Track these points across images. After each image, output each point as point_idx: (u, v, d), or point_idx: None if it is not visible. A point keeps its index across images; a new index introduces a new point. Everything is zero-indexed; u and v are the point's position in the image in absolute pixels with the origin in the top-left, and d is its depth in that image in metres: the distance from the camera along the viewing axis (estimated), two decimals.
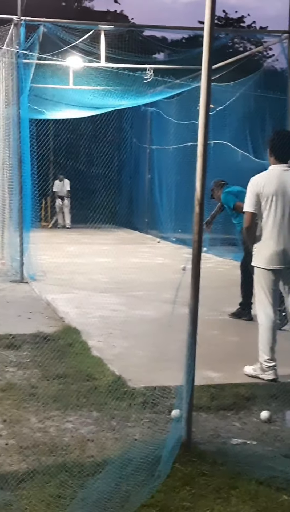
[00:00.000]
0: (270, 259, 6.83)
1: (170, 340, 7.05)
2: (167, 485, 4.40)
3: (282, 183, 6.82)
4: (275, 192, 6.78)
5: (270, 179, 6.84)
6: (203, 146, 4.98)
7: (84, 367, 7.01)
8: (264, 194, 6.80)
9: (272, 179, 6.84)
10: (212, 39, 4.93)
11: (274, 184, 6.80)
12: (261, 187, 6.82)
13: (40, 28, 12.89)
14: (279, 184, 6.81)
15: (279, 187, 6.80)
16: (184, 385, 5.08)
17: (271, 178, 6.84)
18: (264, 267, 6.89)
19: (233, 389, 6.50)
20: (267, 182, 6.83)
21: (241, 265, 9.87)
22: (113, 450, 5.05)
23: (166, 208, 21.32)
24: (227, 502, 4.27)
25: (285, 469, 4.73)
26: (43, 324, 9.11)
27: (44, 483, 4.39)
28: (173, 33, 29.70)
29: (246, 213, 6.95)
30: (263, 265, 6.89)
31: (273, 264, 6.84)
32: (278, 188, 6.79)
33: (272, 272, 6.88)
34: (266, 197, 6.79)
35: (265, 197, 6.80)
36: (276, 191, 6.79)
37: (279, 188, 6.79)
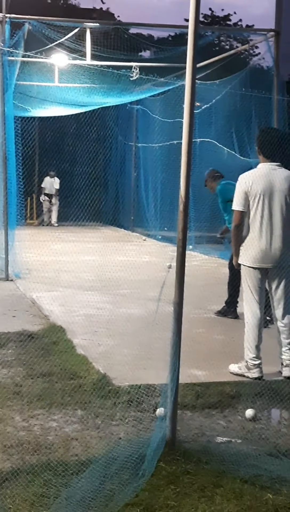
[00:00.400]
0: (257, 257, 6.84)
1: (155, 338, 7.04)
2: (152, 484, 4.39)
3: (270, 181, 6.81)
4: (262, 190, 6.78)
5: (258, 178, 6.84)
6: (188, 144, 4.97)
7: (68, 366, 7.00)
8: (252, 193, 6.80)
9: (260, 177, 6.84)
10: (196, 37, 4.92)
11: (262, 183, 6.80)
12: (249, 185, 6.82)
13: (25, 26, 12.84)
14: (267, 183, 6.81)
15: (267, 185, 6.80)
16: (169, 384, 5.07)
17: (259, 177, 6.84)
18: (251, 265, 6.89)
19: (218, 387, 6.51)
20: (255, 180, 6.83)
21: (230, 263, 9.87)
22: (97, 448, 5.04)
23: (152, 206, 21.32)
24: (211, 500, 4.27)
25: (269, 468, 4.74)
26: (28, 322, 9.08)
27: (28, 482, 4.38)
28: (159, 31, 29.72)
29: (235, 212, 6.94)
30: (250, 264, 6.90)
31: (260, 262, 6.85)
32: (266, 186, 6.79)
33: (259, 271, 6.88)
34: (254, 195, 6.79)
35: (253, 196, 6.80)
36: (264, 189, 6.79)
37: (267, 186, 6.79)
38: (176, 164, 5.38)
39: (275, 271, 6.87)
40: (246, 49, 16.27)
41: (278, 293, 6.93)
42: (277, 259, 6.82)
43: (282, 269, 6.87)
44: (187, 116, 4.99)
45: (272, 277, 6.91)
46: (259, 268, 6.87)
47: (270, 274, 6.91)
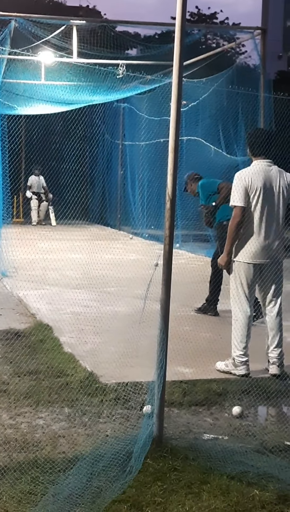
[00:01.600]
0: (255, 253, 6.86)
1: (142, 336, 7.06)
2: (139, 481, 4.40)
3: (268, 178, 6.86)
4: (262, 186, 6.82)
5: (256, 174, 6.87)
6: (175, 141, 4.98)
7: (55, 363, 7.00)
8: (252, 188, 6.82)
9: (258, 173, 6.87)
10: (183, 34, 4.93)
11: (261, 179, 6.84)
12: (248, 181, 6.84)
13: (12, 23, 12.79)
14: (265, 179, 6.85)
15: (265, 181, 6.84)
16: (156, 381, 5.08)
17: (257, 173, 6.88)
18: (247, 261, 6.89)
19: (205, 384, 6.53)
20: (254, 177, 6.85)
21: (212, 260, 9.91)
22: (84, 446, 5.05)
23: (138, 204, 21.31)
24: (198, 497, 4.28)
25: (256, 464, 4.76)
26: (14, 320, 9.07)
27: (15, 479, 4.38)
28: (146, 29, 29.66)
29: (235, 208, 6.91)
30: (247, 260, 6.89)
31: (256, 258, 6.87)
32: (264, 183, 6.84)
33: (254, 267, 6.90)
34: (254, 191, 6.82)
35: (253, 191, 6.82)
36: (263, 185, 6.82)
37: (265, 183, 6.84)
38: (163, 162, 5.40)
39: (268, 267, 6.90)
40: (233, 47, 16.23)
41: (270, 290, 6.95)
42: (272, 255, 6.85)
43: (275, 265, 6.90)
44: (174, 113, 4.99)
45: (265, 273, 6.93)
46: (254, 264, 6.89)
47: (264, 270, 6.92)
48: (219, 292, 9.74)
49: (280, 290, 7.02)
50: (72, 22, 13.65)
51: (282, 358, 6.99)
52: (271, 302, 7.02)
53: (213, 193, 9.82)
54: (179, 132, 5.03)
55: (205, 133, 16.01)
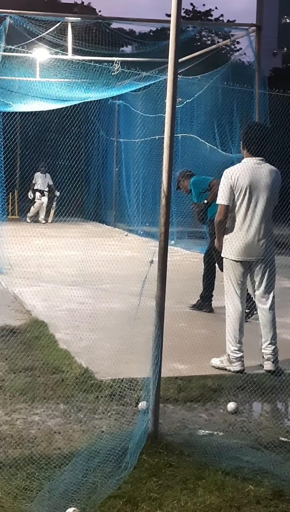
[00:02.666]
0: (240, 250, 6.89)
1: (137, 333, 7.07)
2: (134, 477, 4.42)
3: (255, 176, 6.86)
4: (248, 185, 6.83)
5: (243, 172, 6.88)
6: (170, 138, 4.99)
7: (51, 360, 7.01)
8: (237, 187, 6.85)
9: (245, 172, 6.88)
10: (178, 31, 4.94)
11: (247, 177, 6.85)
12: (234, 179, 6.87)
13: (7, 20, 12.78)
14: (252, 177, 6.85)
15: (252, 180, 6.85)
16: (151, 377, 5.09)
17: (244, 171, 6.89)
18: (234, 258, 6.93)
19: (200, 380, 6.54)
20: (240, 175, 6.87)
21: (205, 257, 9.93)
22: (80, 442, 5.06)
23: (133, 202, 21.31)
24: (193, 492, 4.30)
25: (251, 460, 4.78)
26: (10, 317, 9.08)
27: (11, 475, 4.39)
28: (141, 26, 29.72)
29: (220, 206, 6.99)
30: (233, 257, 6.94)
31: (243, 255, 6.90)
32: (251, 181, 6.84)
33: (241, 264, 6.93)
34: (239, 189, 6.84)
35: (238, 190, 6.85)
36: (249, 184, 6.84)
37: (252, 181, 6.84)
38: (158, 159, 5.41)
39: (258, 264, 6.93)
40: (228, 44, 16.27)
41: (262, 286, 6.98)
42: (260, 253, 6.88)
43: (265, 263, 6.92)
44: (169, 110, 5.00)
45: (255, 271, 6.97)
46: (241, 261, 6.92)
47: (253, 268, 6.96)
48: (212, 288, 9.77)
49: (271, 286, 7.03)
50: (67, 19, 13.63)
51: (277, 354, 7.01)
52: (263, 298, 7.04)
53: (205, 190, 9.84)
54: (174, 129, 5.04)
55: (200, 130, 16.01)
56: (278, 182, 6.98)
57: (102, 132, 23.54)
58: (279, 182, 6.99)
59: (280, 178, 7.02)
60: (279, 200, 7.17)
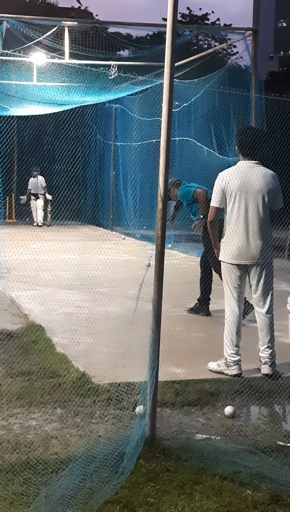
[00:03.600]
0: (235, 254, 6.89)
1: (134, 336, 7.05)
2: (131, 481, 4.40)
3: (247, 179, 6.86)
4: (239, 187, 6.84)
5: (235, 175, 6.89)
6: (166, 142, 4.98)
7: (48, 364, 6.99)
8: (229, 190, 6.86)
9: (237, 175, 6.89)
10: (174, 35, 4.93)
11: (238, 180, 6.86)
12: (226, 182, 6.89)
13: (4, 24, 12.76)
14: (244, 180, 6.86)
15: (243, 182, 6.85)
16: (148, 381, 5.09)
17: (237, 174, 6.90)
18: (230, 262, 6.94)
19: (197, 384, 6.54)
20: (232, 177, 6.88)
21: (201, 261, 9.94)
22: (77, 447, 5.05)
23: (131, 205, 21.31)
24: (191, 497, 4.29)
25: (248, 464, 4.77)
26: (7, 321, 9.06)
27: (7, 480, 4.37)
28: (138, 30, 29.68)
29: (211, 207, 7.05)
30: (228, 260, 6.95)
31: (238, 259, 6.90)
32: (243, 184, 6.84)
33: (238, 267, 6.93)
34: (230, 192, 6.85)
35: (229, 192, 6.86)
36: (241, 187, 6.84)
37: (243, 184, 6.85)
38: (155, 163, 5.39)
39: (254, 268, 6.92)
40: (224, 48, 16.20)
41: (259, 290, 6.97)
42: (256, 256, 6.87)
43: (262, 266, 6.91)
44: (166, 114, 5.00)
45: (252, 274, 6.97)
46: (237, 264, 6.92)
47: (250, 271, 6.96)
48: (210, 291, 9.77)
49: (269, 290, 7.02)
50: (64, 23, 13.63)
51: (274, 357, 7.00)
52: (260, 302, 7.03)
53: (191, 201, 9.86)
54: (170, 133, 5.03)
55: (197, 134, 16.02)
56: (274, 185, 6.95)
57: (99, 135, 23.53)
58: (275, 185, 6.95)
59: (276, 181, 6.99)
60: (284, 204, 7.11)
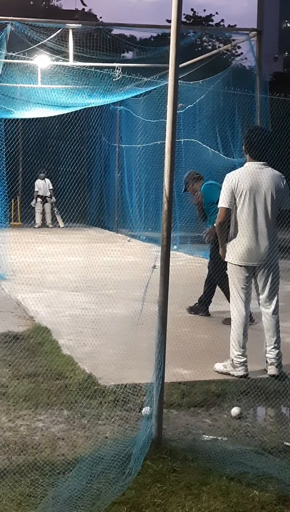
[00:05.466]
0: (243, 255, 6.88)
1: (140, 338, 7.06)
2: (138, 482, 4.40)
3: (256, 180, 6.86)
4: (248, 189, 6.83)
5: (244, 176, 6.88)
6: (171, 143, 4.99)
7: (54, 366, 7.00)
8: (238, 191, 6.85)
9: (246, 176, 6.88)
10: (178, 37, 4.94)
11: (247, 182, 6.85)
12: (235, 184, 6.88)
13: (8, 27, 12.80)
14: (253, 182, 6.85)
15: (252, 184, 6.84)
16: (155, 383, 5.09)
17: (245, 175, 6.89)
18: (237, 263, 6.93)
19: (204, 386, 6.53)
20: (241, 179, 6.87)
21: (209, 262, 9.93)
22: (84, 448, 5.05)
23: (136, 207, 21.32)
24: (198, 498, 4.29)
25: (255, 465, 4.76)
26: (13, 323, 9.07)
27: (14, 482, 4.38)
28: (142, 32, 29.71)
29: (220, 208, 7.03)
30: (236, 262, 6.94)
31: (246, 260, 6.89)
32: (252, 185, 6.84)
33: (245, 269, 6.92)
34: (240, 193, 6.85)
35: (238, 194, 6.86)
36: (250, 188, 6.83)
37: (253, 185, 6.84)
38: (160, 164, 5.39)
39: (262, 269, 6.91)
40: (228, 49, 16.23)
41: (265, 291, 6.97)
42: (264, 257, 6.87)
43: (269, 267, 6.90)
44: (170, 115, 5.00)
45: (259, 276, 6.96)
46: (245, 266, 6.91)
47: (257, 273, 6.95)
48: (212, 293, 9.78)
49: (275, 291, 7.01)
50: (68, 26, 13.66)
51: (280, 358, 7.00)
52: (266, 303, 7.03)
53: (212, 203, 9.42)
54: (175, 134, 5.03)
55: (202, 135, 16.02)
56: (282, 186, 6.95)
57: (103, 138, 23.56)
58: (283, 186, 6.95)
59: (284, 182, 6.99)
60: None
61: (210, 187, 9.72)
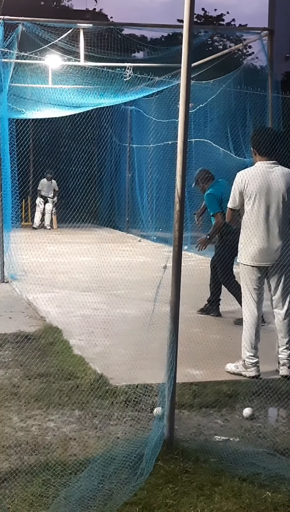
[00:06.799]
0: (255, 256, 6.86)
1: (151, 338, 7.04)
2: (150, 483, 4.40)
3: (266, 180, 6.83)
4: (258, 190, 6.80)
5: (254, 177, 6.85)
6: (183, 142, 4.98)
7: (65, 366, 7.00)
8: (247, 192, 6.83)
9: (256, 177, 6.85)
10: (191, 36, 4.92)
11: (258, 182, 6.82)
12: (244, 184, 6.85)
13: (19, 27, 12.80)
14: (263, 182, 6.82)
15: (263, 184, 6.81)
16: (166, 383, 5.08)
17: (255, 176, 6.85)
18: (249, 264, 6.91)
19: (215, 386, 6.51)
20: (251, 179, 6.84)
21: (211, 262, 9.92)
22: (95, 448, 5.04)
23: (147, 207, 21.31)
24: (210, 499, 4.27)
25: (268, 466, 4.75)
26: (24, 323, 9.08)
27: (26, 482, 4.38)
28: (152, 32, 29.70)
29: (228, 209, 7.09)
30: (248, 262, 6.91)
31: (258, 261, 6.87)
32: (262, 185, 6.81)
33: (258, 269, 6.90)
34: (249, 194, 6.82)
35: (248, 195, 6.83)
36: (260, 189, 6.80)
37: (263, 185, 6.81)
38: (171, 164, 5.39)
39: (274, 269, 6.89)
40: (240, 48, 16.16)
41: (278, 292, 6.94)
42: (276, 258, 6.83)
43: (282, 268, 6.88)
44: (183, 114, 4.99)
45: (271, 276, 6.93)
46: (257, 266, 6.89)
47: (270, 273, 6.92)
48: (220, 293, 9.77)
49: (287, 292, 6.98)
50: (79, 26, 13.66)
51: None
52: (279, 303, 7.00)
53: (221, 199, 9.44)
54: (187, 134, 5.02)
55: (213, 135, 15.99)
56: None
57: (114, 138, 23.55)
58: None
59: None
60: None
61: (209, 198, 9.66)
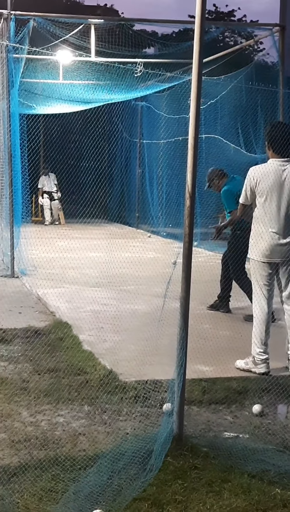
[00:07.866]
0: (266, 252, 6.84)
1: (161, 334, 7.04)
2: (159, 479, 4.40)
3: (278, 178, 6.80)
4: (270, 186, 6.78)
5: (266, 174, 6.83)
6: (194, 138, 4.96)
7: (75, 361, 7.01)
8: (259, 190, 6.81)
9: (268, 173, 6.82)
10: (202, 32, 4.91)
11: (270, 179, 6.79)
12: (256, 181, 6.84)
13: (30, 22, 12.82)
14: (275, 179, 6.79)
15: (275, 181, 6.79)
16: (176, 379, 5.08)
17: (267, 174, 6.83)
18: (261, 260, 6.89)
19: (225, 382, 6.51)
20: (263, 176, 6.82)
21: (222, 258, 9.90)
22: (104, 444, 5.05)
23: (157, 203, 21.29)
24: (219, 495, 4.27)
25: (277, 463, 4.74)
26: (34, 318, 9.09)
27: (36, 477, 4.39)
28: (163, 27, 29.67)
29: (240, 204, 7.14)
30: (259, 258, 6.90)
31: (269, 257, 6.85)
32: (274, 182, 6.78)
33: (268, 265, 6.88)
34: (261, 191, 6.80)
35: (260, 192, 6.81)
36: (272, 186, 6.78)
37: (275, 182, 6.78)
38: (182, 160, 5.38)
39: (284, 266, 6.87)
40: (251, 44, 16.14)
41: (288, 288, 6.92)
42: (287, 254, 6.82)
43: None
44: (194, 110, 4.98)
45: (282, 272, 6.91)
46: (268, 262, 6.87)
47: (280, 269, 6.91)
48: (230, 289, 9.75)
49: None
50: (90, 21, 13.67)
51: None
52: (289, 300, 6.98)
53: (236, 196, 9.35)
54: (198, 130, 5.01)
55: (224, 131, 15.96)
56: None
57: (125, 133, 23.53)
58: None
59: None
60: None
61: (226, 195, 9.60)
